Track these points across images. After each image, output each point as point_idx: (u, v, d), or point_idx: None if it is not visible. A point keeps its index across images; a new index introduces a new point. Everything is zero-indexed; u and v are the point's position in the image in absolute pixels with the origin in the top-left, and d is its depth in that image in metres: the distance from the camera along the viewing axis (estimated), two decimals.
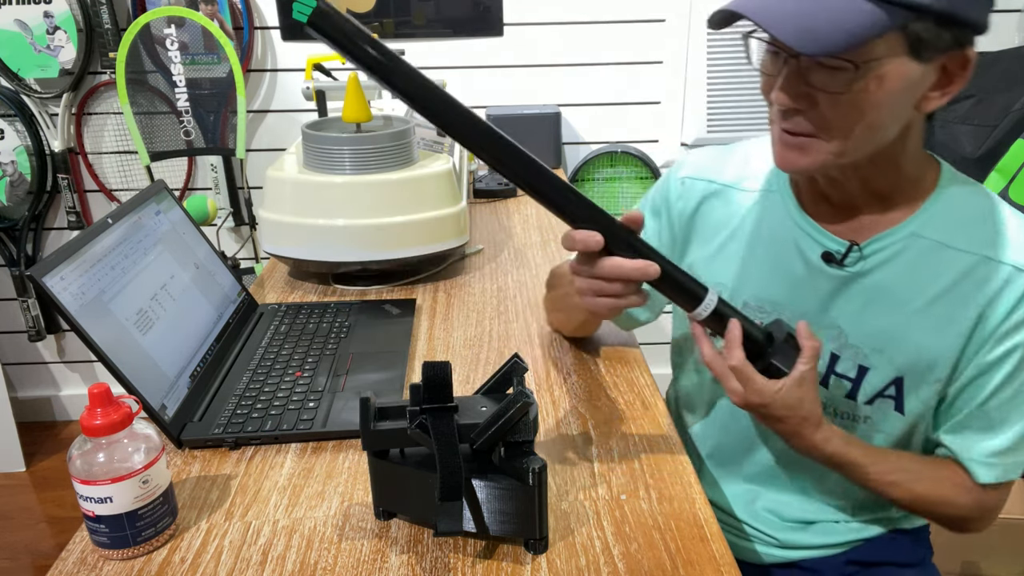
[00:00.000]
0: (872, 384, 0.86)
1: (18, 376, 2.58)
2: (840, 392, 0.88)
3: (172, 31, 2.04)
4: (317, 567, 0.69)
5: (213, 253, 1.12)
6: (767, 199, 0.90)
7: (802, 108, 0.73)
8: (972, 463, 0.84)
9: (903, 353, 0.83)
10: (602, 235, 0.71)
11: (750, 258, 0.91)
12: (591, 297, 0.76)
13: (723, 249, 0.93)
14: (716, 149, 0.98)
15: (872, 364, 0.85)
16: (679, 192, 0.96)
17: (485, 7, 2.19)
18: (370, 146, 1.23)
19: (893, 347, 0.83)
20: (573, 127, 2.34)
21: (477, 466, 0.69)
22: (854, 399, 0.88)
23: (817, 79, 0.71)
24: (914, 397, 0.85)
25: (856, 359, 0.86)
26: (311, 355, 1.04)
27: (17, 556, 2.04)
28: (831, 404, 0.90)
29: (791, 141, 0.76)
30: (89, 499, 0.68)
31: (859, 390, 0.87)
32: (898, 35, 0.67)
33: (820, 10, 0.66)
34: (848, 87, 0.69)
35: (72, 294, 0.79)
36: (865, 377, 0.86)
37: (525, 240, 1.53)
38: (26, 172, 2.28)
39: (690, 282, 0.76)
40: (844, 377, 0.87)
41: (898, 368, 0.84)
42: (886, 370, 0.85)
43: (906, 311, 0.82)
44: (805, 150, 0.75)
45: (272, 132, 2.32)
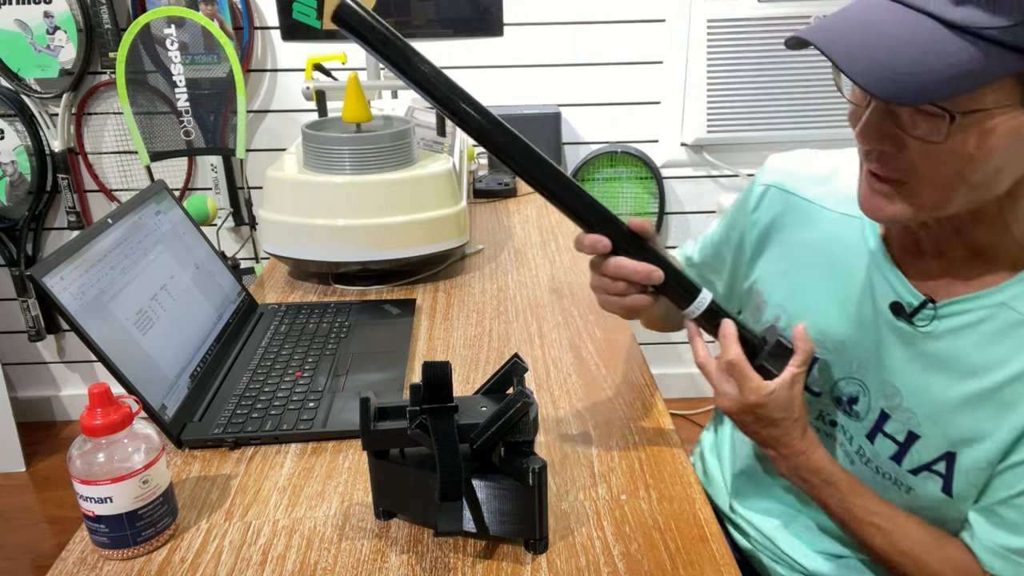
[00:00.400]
0: (920, 454, 0.76)
1: (18, 376, 2.58)
2: (885, 452, 0.79)
3: (172, 31, 2.04)
4: (317, 567, 0.69)
5: (213, 253, 1.12)
6: (849, 226, 0.81)
7: (888, 150, 0.64)
8: (987, 551, 0.73)
9: (959, 430, 0.73)
10: (610, 239, 0.74)
11: (818, 287, 0.83)
12: (600, 294, 0.80)
13: (793, 271, 0.86)
14: (807, 155, 0.89)
15: (924, 433, 0.75)
16: (758, 199, 0.90)
17: (485, 7, 2.19)
18: (370, 146, 1.23)
19: (949, 421, 0.73)
20: (573, 127, 2.34)
21: (477, 466, 0.69)
22: (898, 463, 0.78)
23: (908, 122, 0.61)
24: (963, 479, 0.74)
25: (907, 424, 0.76)
26: (311, 355, 1.04)
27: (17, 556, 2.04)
28: (874, 461, 0.80)
29: (877, 187, 0.67)
30: (89, 499, 0.68)
31: (905, 456, 0.77)
32: (1013, 82, 0.56)
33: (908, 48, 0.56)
34: (943, 138, 0.59)
35: (72, 294, 0.79)
36: (913, 445, 0.76)
37: (525, 240, 1.53)
38: (26, 172, 2.28)
39: (685, 281, 0.77)
40: (891, 439, 0.78)
41: (951, 443, 0.73)
42: (937, 443, 0.74)
43: (972, 387, 0.71)
44: (892, 198, 0.66)
45: (272, 132, 2.32)
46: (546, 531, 0.70)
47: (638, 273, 0.75)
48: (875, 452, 0.80)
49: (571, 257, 1.43)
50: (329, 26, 2.25)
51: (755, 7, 2.16)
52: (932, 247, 0.73)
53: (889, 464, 0.79)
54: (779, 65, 2.21)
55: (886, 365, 0.77)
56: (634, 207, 2.41)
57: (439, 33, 2.22)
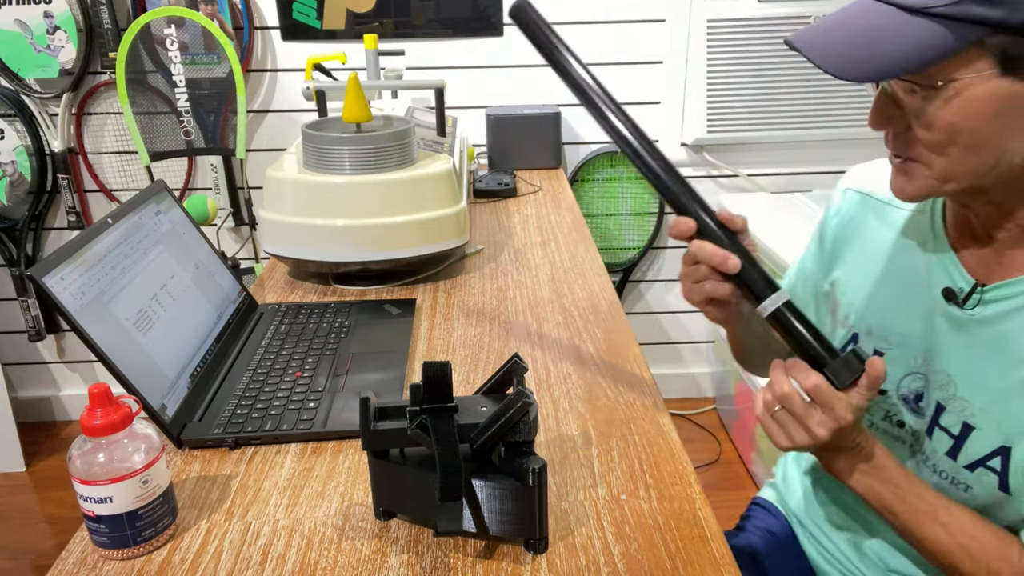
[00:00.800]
0: (975, 448, 0.75)
1: (18, 376, 2.58)
2: (941, 447, 0.78)
3: (172, 31, 2.04)
4: (317, 567, 0.69)
5: (213, 253, 1.12)
6: (917, 221, 0.82)
7: (898, 130, 0.70)
8: None
9: (1012, 420, 0.72)
10: (697, 223, 0.76)
11: (883, 283, 0.84)
12: (685, 283, 0.80)
13: (866, 268, 0.86)
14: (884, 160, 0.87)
15: (978, 425, 0.74)
16: (839, 204, 0.91)
17: (485, 7, 2.19)
18: (370, 146, 1.23)
19: (1003, 411, 0.72)
20: (573, 127, 2.34)
21: (477, 466, 0.69)
22: (954, 459, 0.77)
23: (903, 101, 0.68)
24: (1019, 475, 0.72)
25: (962, 415, 0.76)
26: (311, 355, 1.04)
27: (17, 556, 2.04)
28: (932, 459, 0.80)
29: (897, 165, 0.72)
30: (89, 499, 0.68)
31: (960, 451, 0.76)
32: (978, 51, 0.61)
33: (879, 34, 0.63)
34: (927, 107, 0.65)
35: (72, 294, 0.79)
36: (968, 438, 0.75)
37: (525, 240, 1.53)
38: (26, 172, 2.28)
39: (763, 276, 0.76)
40: (947, 432, 0.77)
41: (1005, 436, 0.72)
42: (992, 435, 0.73)
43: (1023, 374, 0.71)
44: (909, 175, 0.70)
45: (272, 132, 2.32)
46: (546, 531, 0.70)
47: (715, 256, 0.75)
48: (932, 449, 0.79)
49: (571, 257, 1.43)
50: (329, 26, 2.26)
51: (755, 7, 2.16)
52: (983, 231, 0.74)
53: (945, 461, 0.78)
54: (779, 65, 2.21)
55: (940, 353, 0.77)
56: (634, 207, 2.41)
57: (439, 33, 2.22)
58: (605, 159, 2.35)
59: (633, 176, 2.38)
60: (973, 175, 0.67)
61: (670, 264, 2.50)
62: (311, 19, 2.20)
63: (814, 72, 2.21)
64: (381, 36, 2.20)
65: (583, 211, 2.36)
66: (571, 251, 1.46)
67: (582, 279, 1.32)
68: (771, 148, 2.34)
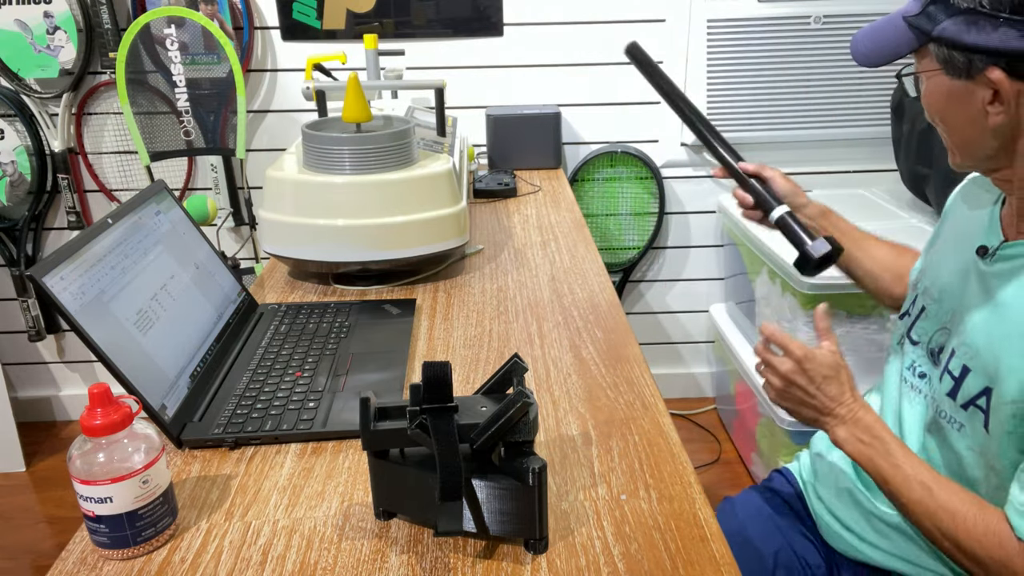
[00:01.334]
0: (969, 388, 0.84)
1: (18, 376, 2.58)
2: (944, 388, 0.87)
3: (172, 31, 2.04)
4: (317, 567, 0.69)
5: (213, 253, 1.12)
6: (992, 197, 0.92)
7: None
8: (1016, 512, 0.76)
9: (996, 363, 0.80)
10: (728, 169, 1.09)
11: (949, 246, 0.95)
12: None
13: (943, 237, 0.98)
14: None
15: (973, 367, 0.83)
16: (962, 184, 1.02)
17: (485, 7, 2.19)
18: (370, 146, 1.23)
19: (990, 356, 0.81)
20: (573, 127, 2.34)
21: (477, 466, 0.69)
22: (954, 399, 0.86)
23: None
24: (996, 418, 0.80)
25: (963, 358, 0.85)
26: (311, 355, 1.04)
27: (17, 556, 2.04)
28: (936, 401, 0.89)
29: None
30: (89, 499, 0.68)
31: (959, 391, 0.85)
32: (927, 52, 0.81)
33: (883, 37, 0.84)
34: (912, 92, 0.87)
35: (72, 294, 0.79)
36: (965, 379, 0.84)
37: (525, 240, 1.53)
38: (26, 172, 2.28)
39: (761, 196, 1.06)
40: (951, 374, 0.86)
41: (990, 378, 0.81)
42: (980, 377, 0.82)
43: (1012, 326, 0.79)
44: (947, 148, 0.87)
45: (272, 132, 2.32)
46: (546, 531, 0.70)
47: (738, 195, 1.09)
48: (938, 391, 0.89)
49: (571, 257, 1.43)
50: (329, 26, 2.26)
51: (755, 7, 2.16)
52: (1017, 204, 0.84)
53: (947, 401, 0.87)
54: (779, 65, 2.21)
55: (966, 306, 0.87)
56: (634, 207, 2.41)
57: (439, 33, 2.22)
58: (605, 159, 2.35)
59: (633, 176, 2.38)
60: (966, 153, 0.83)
61: (670, 264, 2.50)
62: (311, 19, 2.20)
63: (814, 72, 2.22)
64: (381, 36, 2.20)
65: (583, 211, 2.36)
66: (571, 251, 1.46)
67: (582, 279, 1.32)
68: (771, 148, 2.34)
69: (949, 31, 0.76)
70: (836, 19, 2.16)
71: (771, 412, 2.02)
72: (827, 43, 2.18)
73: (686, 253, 2.49)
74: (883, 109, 2.25)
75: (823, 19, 2.16)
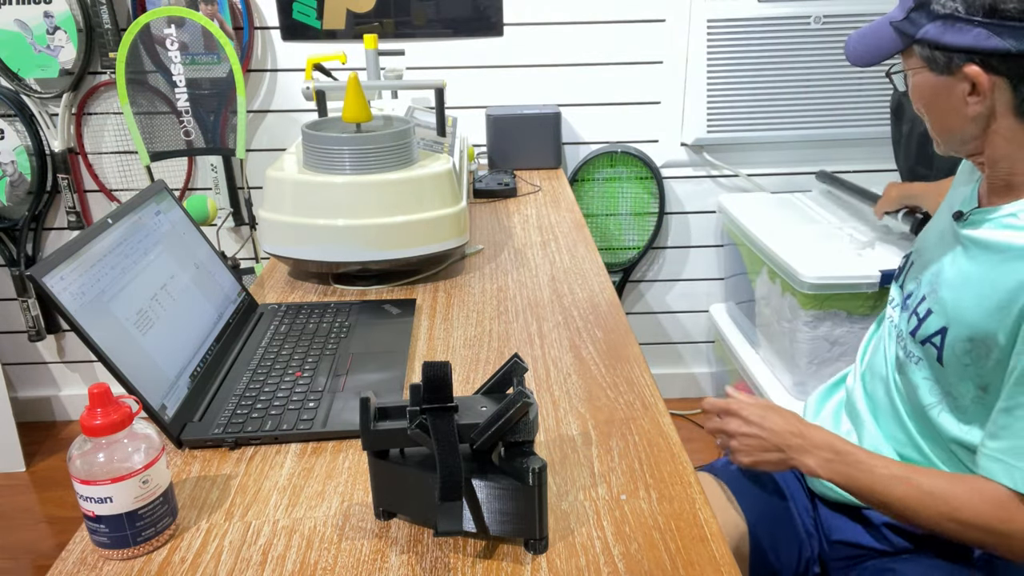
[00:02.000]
0: (928, 327, 0.94)
1: (18, 376, 2.58)
2: (909, 327, 0.97)
3: (172, 31, 2.04)
4: (317, 567, 0.69)
5: (213, 253, 1.12)
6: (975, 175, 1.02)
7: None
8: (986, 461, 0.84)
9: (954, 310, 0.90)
10: None
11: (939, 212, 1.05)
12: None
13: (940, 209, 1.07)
14: None
15: (935, 310, 0.93)
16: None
17: (485, 7, 2.19)
18: (370, 146, 1.23)
19: (951, 302, 0.91)
20: (573, 127, 2.34)
21: (477, 466, 0.69)
22: (914, 336, 0.96)
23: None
24: (951, 351, 0.90)
25: (930, 302, 0.95)
26: (311, 355, 1.04)
27: (17, 556, 2.04)
28: (902, 338, 0.99)
29: None
30: (89, 499, 0.68)
31: (919, 330, 0.95)
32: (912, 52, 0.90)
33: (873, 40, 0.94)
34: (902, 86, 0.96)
35: (72, 294, 0.79)
36: (926, 320, 0.94)
37: (525, 240, 1.53)
38: (26, 172, 2.28)
39: None
40: (917, 315, 0.96)
41: (947, 320, 0.91)
42: (939, 318, 0.92)
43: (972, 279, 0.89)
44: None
45: (272, 132, 2.32)
46: (546, 531, 0.70)
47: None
48: (903, 329, 0.99)
49: (571, 257, 1.43)
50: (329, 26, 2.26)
51: (755, 7, 2.16)
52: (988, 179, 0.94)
53: (908, 338, 0.98)
54: (779, 65, 2.20)
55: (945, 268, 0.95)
56: (634, 207, 2.41)
57: (439, 33, 2.22)
58: (605, 159, 2.35)
59: (633, 176, 2.38)
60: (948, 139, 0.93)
61: (670, 264, 2.50)
62: (311, 19, 2.20)
63: (814, 72, 2.22)
64: (381, 36, 2.20)
65: (583, 211, 2.36)
66: (571, 251, 1.46)
67: (582, 279, 1.32)
68: (771, 148, 2.34)
69: (931, 33, 0.86)
70: (836, 19, 2.16)
71: None
72: (827, 43, 2.18)
73: (686, 253, 2.49)
74: (883, 109, 2.25)
75: (823, 19, 2.16)
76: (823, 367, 1.92)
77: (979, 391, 0.88)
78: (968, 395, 0.90)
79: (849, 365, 1.18)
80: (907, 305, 1.01)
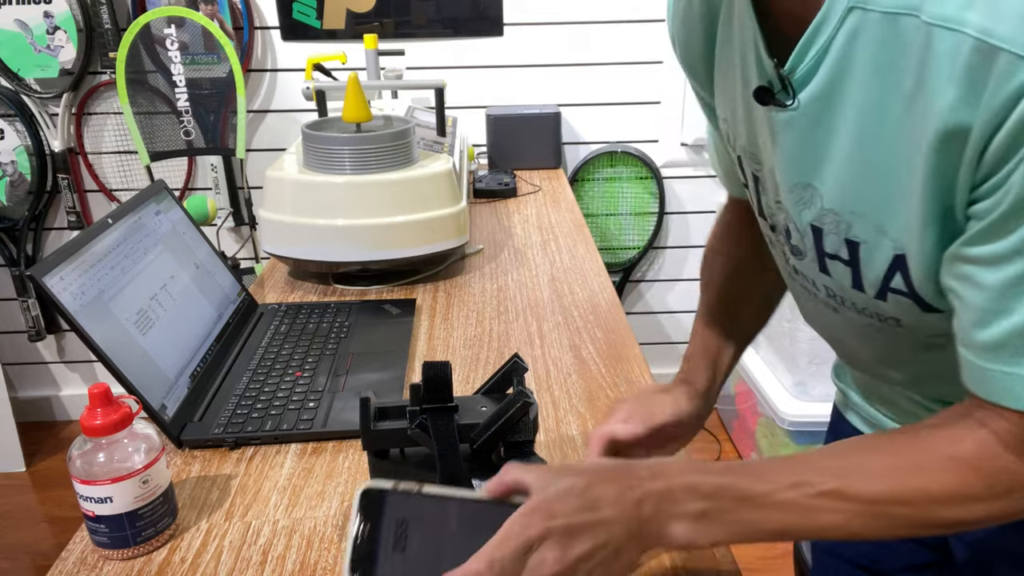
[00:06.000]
0: (872, 269, 0.58)
1: (18, 376, 2.58)
2: (845, 281, 0.62)
3: (172, 31, 2.05)
4: (317, 567, 0.69)
5: (213, 253, 1.12)
6: None
7: None
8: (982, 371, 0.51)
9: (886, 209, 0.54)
10: None
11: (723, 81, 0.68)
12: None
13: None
14: None
15: (859, 237, 0.57)
16: None
17: (485, 7, 2.19)
18: (370, 146, 1.23)
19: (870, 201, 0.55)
20: (573, 127, 2.34)
21: (477, 466, 0.69)
22: (862, 290, 0.61)
23: None
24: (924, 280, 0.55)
25: (839, 231, 0.59)
26: (311, 355, 1.04)
27: (17, 556, 2.04)
28: (848, 298, 0.63)
29: None
30: (89, 499, 0.68)
31: (862, 277, 0.60)
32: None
33: None
34: None
35: (72, 294, 0.79)
36: (860, 258, 0.59)
37: (525, 240, 1.53)
38: (26, 172, 2.28)
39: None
40: (838, 259, 0.61)
41: (893, 241, 0.55)
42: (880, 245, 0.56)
43: (876, 133, 0.52)
44: None
45: (272, 132, 2.32)
46: None
47: None
48: (840, 285, 0.63)
49: (571, 257, 1.43)
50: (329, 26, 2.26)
51: None
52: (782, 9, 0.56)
53: (856, 295, 0.62)
54: None
55: (779, 165, 0.61)
56: (634, 207, 2.41)
57: (439, 33, 2.22)
58: (605, 159, 2.36)
59: (633, 176, 2.38)
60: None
61: (670, 264, 2.50)
62: (311, 19, 2.20)
63: None
64: (381, 36, 2.20)
65: (583, 211, 2.36)
66: (571, 251, 1.46)
67: (582, 279, 1.32)
68: None
69: None
70: None
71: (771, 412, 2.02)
72: None
73: (686, 253, 2.49)
74: None
75: None
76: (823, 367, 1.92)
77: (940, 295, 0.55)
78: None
79: None
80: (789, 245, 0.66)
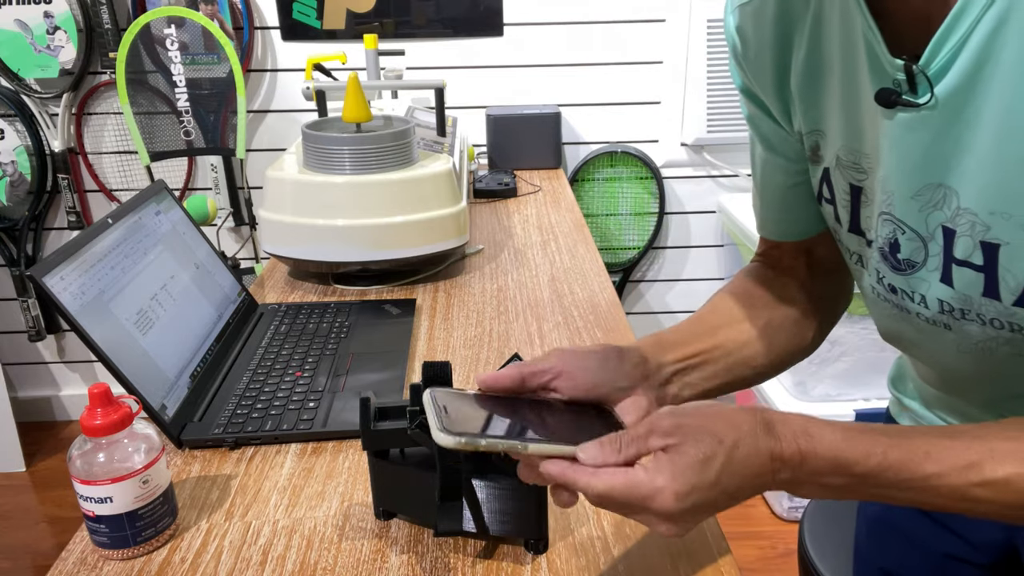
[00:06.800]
0: (1013, 273, 0.53)
1: (18, 376, 2.58)
2: (975, 291, 0.56)
3: (172, 31, 2.05)
4: (317, 567, 0.69)
5: (213, 253, 1.12)
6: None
7: None
8: None
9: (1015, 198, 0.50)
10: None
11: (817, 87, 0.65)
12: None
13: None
14: None
15: (1000, 238, 0.52)
16: None
17: (485, 7, 2.19)
18: (370, 146, 1.23)
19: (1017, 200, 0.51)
20: (573, 127, 2.34)
21: (477, 466, 0.69)
22: (997, 298, 0.55)
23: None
24: None
25: (974, 233, 0.54)
26: (311, 355, 1.04)
27: (17, 556, 2.04)
28: (974, 309, 0.57)
29: None
30: (89, 499, 0.68)
31: (998, 283, 0.54)
32: None
33: None
34: None
35: (72, 294, 0.79)
36: (998, 261, 0.53)
37: (525, 240, 1.53)
38: (26, 172, 2.29)
39: None
40: (969, 265, 0.55)
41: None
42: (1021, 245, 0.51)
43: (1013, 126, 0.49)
44: None
45: (272, 132, 2.32)
46: (546, 531, 0.70)
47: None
48: (966, 297, 0.57)
49: (571, 257, 1.43)
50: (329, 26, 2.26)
51: None
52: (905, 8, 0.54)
53: (990, 305, 0.56)
54: None
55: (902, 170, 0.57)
56: (634, 207, 2.41)
57: (439, 33, 2.22)
58: (605, 159, 2.36)
59: (633, 176, 2.38)
60: None
61: (670, 264, 2.50)
62: (311, 19, 2.20)
63: None
64: (381, 36, 2.20)
65: (583, 211, 2.36)
66: (571, 251, 1.46)
67: (582, 279, 1.32)
68: None
69: None
70: None
71: None
72: None
73: (686, 253, 2.49)
74: None
75: None
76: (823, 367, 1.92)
77: None
78: None
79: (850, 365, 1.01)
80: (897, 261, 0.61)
